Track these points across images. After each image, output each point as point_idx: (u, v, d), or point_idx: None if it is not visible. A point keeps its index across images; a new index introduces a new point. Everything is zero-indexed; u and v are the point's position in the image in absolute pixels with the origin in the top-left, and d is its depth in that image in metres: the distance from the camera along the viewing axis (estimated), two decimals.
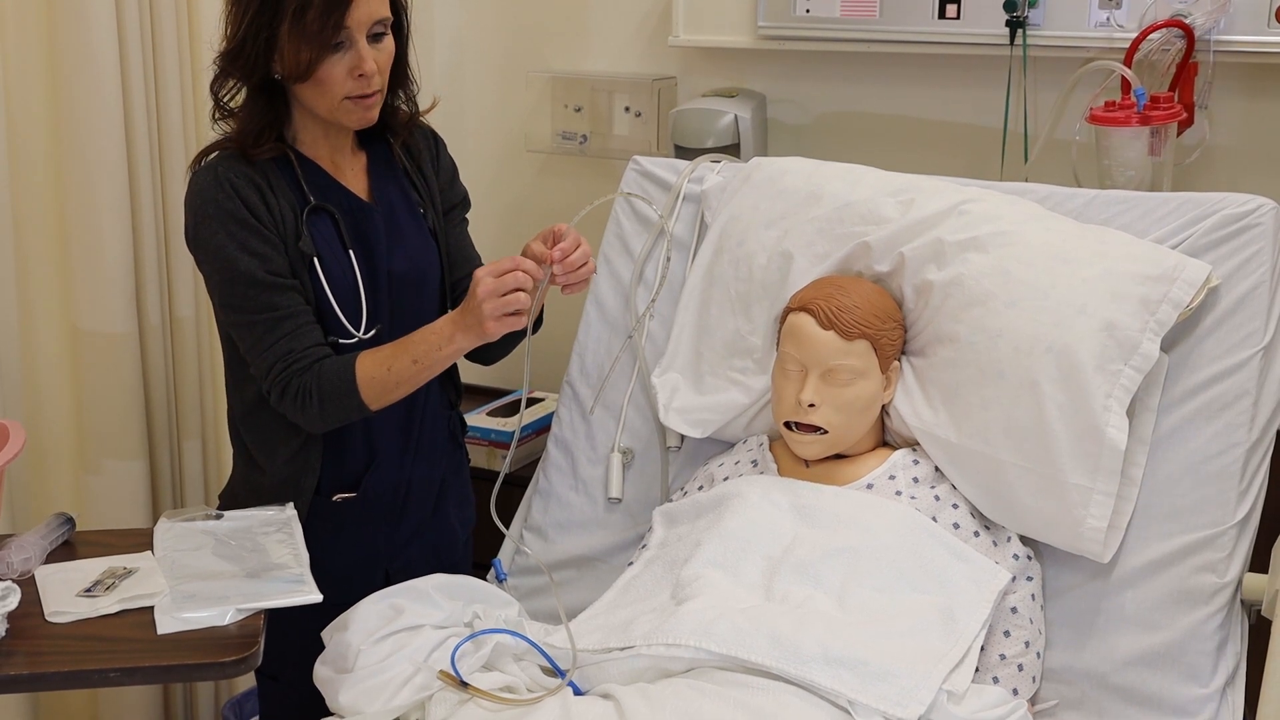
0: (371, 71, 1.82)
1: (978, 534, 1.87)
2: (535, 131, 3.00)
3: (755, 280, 2.10)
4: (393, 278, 1.94)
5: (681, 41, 2.78)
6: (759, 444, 2.04)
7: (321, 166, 1.93)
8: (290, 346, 1.85)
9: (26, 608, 1.63)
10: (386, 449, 1.99)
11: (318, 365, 1.85)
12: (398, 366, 1.83)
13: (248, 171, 1.86)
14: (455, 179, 2.11)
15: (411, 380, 1.85)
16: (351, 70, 1.81)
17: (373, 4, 1.80)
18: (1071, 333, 1.84)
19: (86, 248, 2.32)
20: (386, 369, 1.83)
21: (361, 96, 1.84)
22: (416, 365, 1.83)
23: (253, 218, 1.84)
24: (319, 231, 1.89)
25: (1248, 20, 2.29)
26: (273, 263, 1.85)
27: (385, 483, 2.01)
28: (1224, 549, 1.79)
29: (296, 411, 1.86)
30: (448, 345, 1.81)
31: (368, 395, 1.84)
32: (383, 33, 1.84)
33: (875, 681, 1.57)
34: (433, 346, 1.82)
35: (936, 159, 2.52)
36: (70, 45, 2.24)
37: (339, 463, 1.97)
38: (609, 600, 1.86)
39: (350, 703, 1.64)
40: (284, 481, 1.94)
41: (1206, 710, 1.73)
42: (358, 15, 1.79)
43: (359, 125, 1.89)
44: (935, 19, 2.51)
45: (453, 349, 1.82)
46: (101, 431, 2.39)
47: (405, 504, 2.04)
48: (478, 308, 1.76)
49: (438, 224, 2.03)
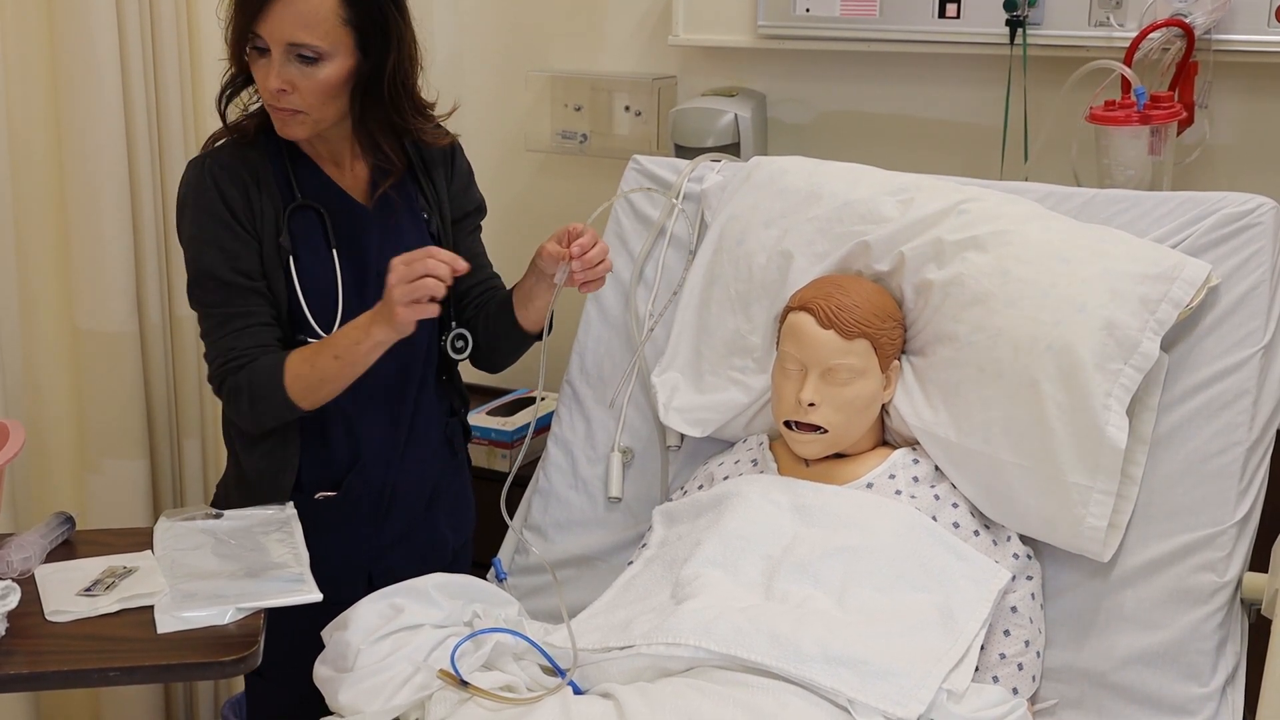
0: (271, 88, 1.80)
1: (977, 533, 1.87)
2: (535, 131, 3.00)
3: (755, 279, 2.10)
4: (384, 277, 1.94)
5: (681, 41, 2.78)
6: (759, 443, 2.04)
7: (320, 165, 1.93)
8: (233, 344, 1.87)
9: (26, 607, 1.63)
10: (372, 450, 1.99)
11: (252, 363, 1.86)
12: (320, 363, 1.83)
13: (237, 166, 1.87)
14: (471, 184, 2.10)
15: (337, 377, 1.84)
16: (263, 79, 1.81)
17: (289, 24, 1.77)
18: (1071, 332, 1.84)
19: (87, 247, 2.32)
20: (310, 366, 1.84)
21: (275, 108, 1.83)
22: (339, 361, 1.82)
23: (229, 214, 1.86)
24: (302, 229, 1.90)
25: (1248, 20, 2.29)
26: (240, 261, 1.86)
27: (369, 484, 2.00)
28: (1224, 548, 1.79)
29: (233, 410, 1.89)
30: (366, 339, 1.80)
31: (294, 392, 1.84)
32: (313, 59, 1.79)
33: (875, 680, 1.57)
34: (353, 341, 1.81)
35: (936, 158, 2.53)
36: (70, 44, 2.24)
37: (323, 461, 1.96)
38: (609, 599, 1.86)
39: (350, 702, 1.64)
40: (263, 477, 1.94)
41: (1206, 709, 1.73)
42: (270, 27, 1.77)
43: (283, 135, 1.87)
44: (935, 18, 2.51)
45: (371, 343, 1.80)
46: (102, 430, 2.39)
47: (390, 507, 2.03)
48: (388, 295, 1.75)
49: (444, 231, 2.03)
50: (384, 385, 1.97)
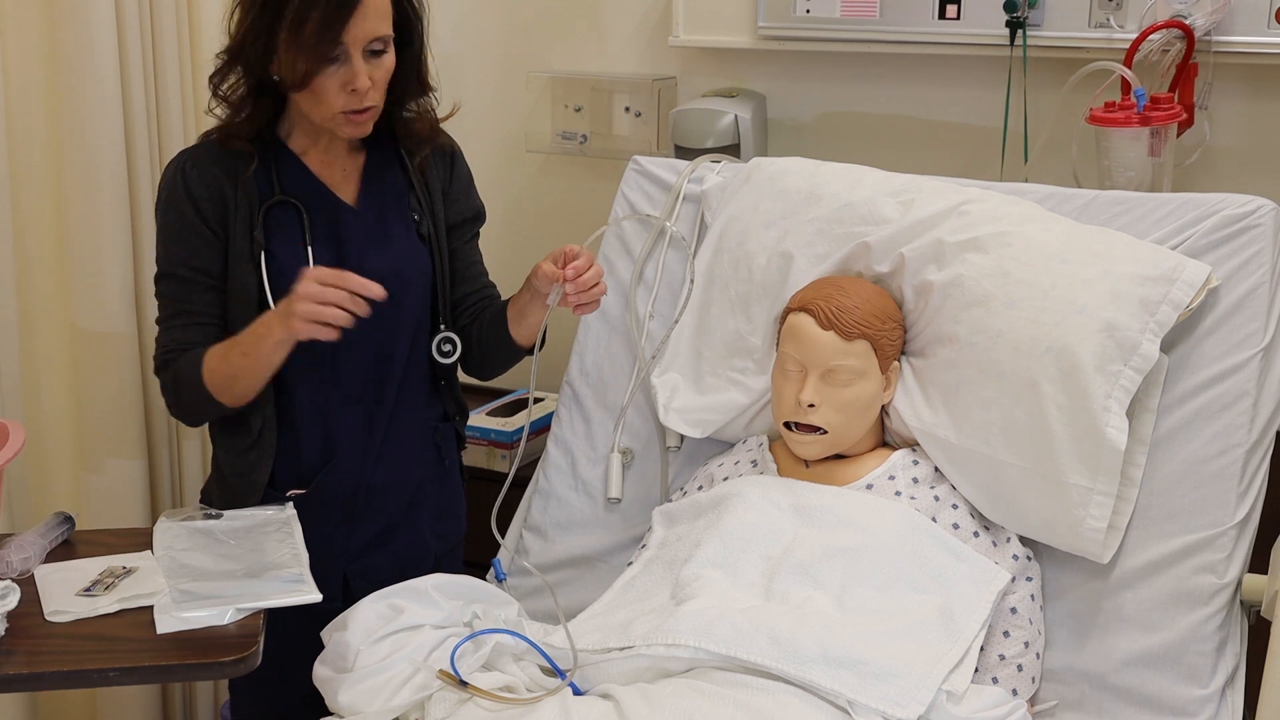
0: (365, 88, 1.82)
1: (977, 534, 1.87)
2: (535, 131, 3.00)
3: (755, 280, 2.10)
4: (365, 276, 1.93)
5: (681, 41, 2.78)
6: (759, 444, 2.04)
7: (307, 164, 1.93)
8: (175, 338, 1.91)
9: (26, 607, 1.63)
10: (346, 450, 1.98)
11: (182, 358, 1.89)
12: (231, 357, 1.85)
13: (212, 164, 1.89)
14: (470, 190, 2.10)
15: (247, 373, 1.85)
16: (345, 85, 1.81)
17: (370, 21, 1.79)
18: (1071, 333, 1.84)
19: (86, 247, 2.32)
20: (223, 359, 1.86)
21: (355, 111, 1.84)
22: (246, 358, 1.84)
23: (195, 212, 1.88)
24: (280, 225, 1.90)
25: (1248, 21, 2.29)
26: (199, 258, 1.90)
27: (342, 484, 1.99)
28: (1223, 550, 1.79)
29: (168, 402, 1.94)
30: (268, 337, 1.81)
31: (213, 386, 1.86)
32: (381, 50, 1.83)
33: (875, 681, 1.57)
34: (258, 338, 1.82)
35: (936, 159, 2.53)
36: (70, 44, 2.24)
37: (295, 459, 1.96)
38: (608, 600, 1.86)
39: (350, 702, 1.64)
40: (238, 474, 1.95)
41: (1206, 711, 1.73)
42: (355, 32, 1.78)
43: (351, 136, 1.91)
44: (935, 19, 2.51)
45: (273, 341, 1.80)
46: (101, 431, 2.39)
47: (365, 508, 2.02)
48: (292, 304, 1.75)
49: (435, 234, 2.02)
50: (360, 385, 1.97)
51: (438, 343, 2.02)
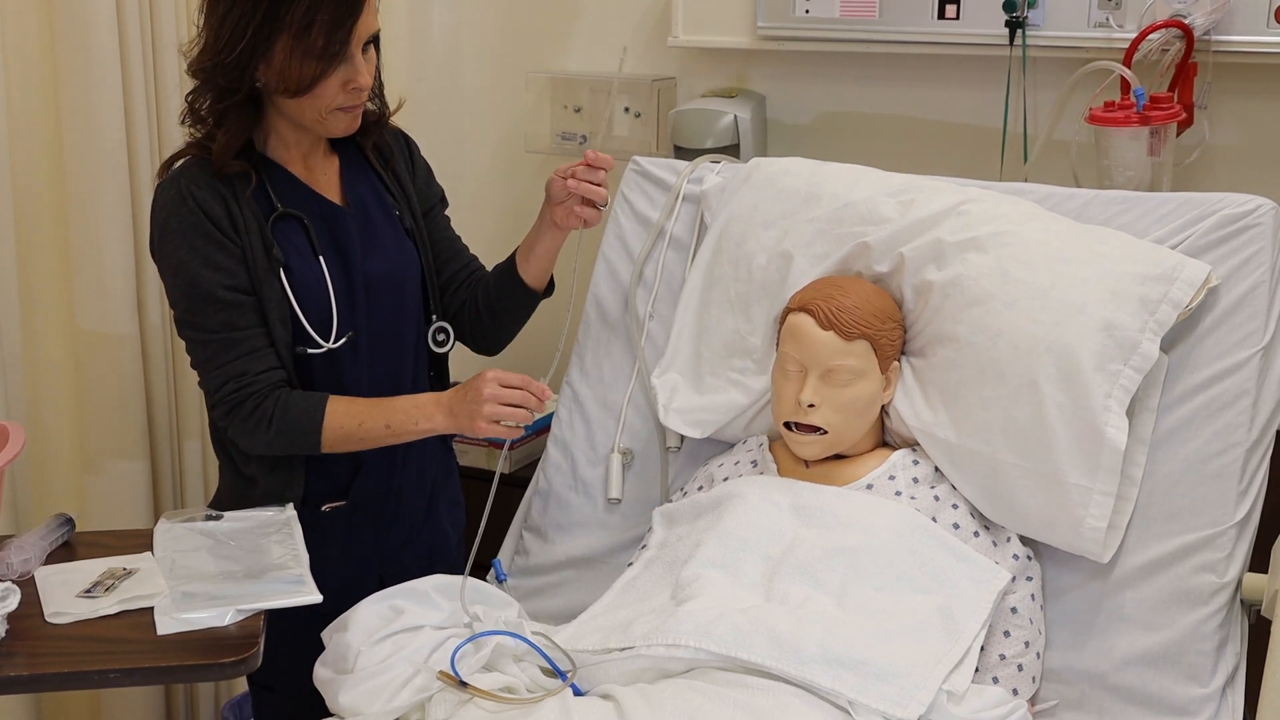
0: (366, 84, 1.83)
1: (977, 534, 1.87)
2: (534, 132, 3.00)
3: (755, 280, 2.10)
4: (369, 280, 1.94)
5: (681, 42, 2.78)
6: (759, 444, 2.04)
7: (292, 172, 1.92)
8: (245, 368, 1.85)
9: (26, 609, 1.63)
10: (373, 458, 1.98)
11: (281, 394, 1.85)
12: (369, 425, 1.85)
13: (212, 182, 1.84)
14: (431, 178, 2.12)
15: (377, 441, 1.87)
16: (346, 83, 1.81)
17: (370, 16, 1.81)
18: (1071, 333, 1.84)
19: (88, 248, 2.32)
20: (358, 424, 1.85)
21: (351, 106, 1.85)
22: (389, 430, 1.85)
23: (217, 231, 1.83)
24: (288, 239, 1.88)
25: (1247, 21, 2.29)
26: (235, 277, 1.84)
27: (374, 491, 2.00)
28: (1224, 549, 1.79)
29: (245, 433, 1.87)
30: (425, 422, 1.85)
31: (329, 440, 1.86)
32: (374, 41, 1.85)
33: (875, 682, 1.57)
34: (410, 419, 1.85)
35: (936, 159, 2.53)
36: (71, 45, 2.24)
37: (324, 473, 1.95)
38: (608, 601, 1.86)
39: (350, 704, 1.64)
40: (269, 494, 1.92)
41: (1206, 710, 1.73)
42: (359, 31, 1.79)
43: (344, 133, 1.90)
44: (935, 19, 2.51)
45: (429, 426, 1.85)
46: (102, 432, 2.39)
47: (397, 511, 2.04)
48: (476, 405, 1.79)
49: (415, 225, 2.03)
50: (378, 391, 1.96)
51: (432, 332, 2.04)
